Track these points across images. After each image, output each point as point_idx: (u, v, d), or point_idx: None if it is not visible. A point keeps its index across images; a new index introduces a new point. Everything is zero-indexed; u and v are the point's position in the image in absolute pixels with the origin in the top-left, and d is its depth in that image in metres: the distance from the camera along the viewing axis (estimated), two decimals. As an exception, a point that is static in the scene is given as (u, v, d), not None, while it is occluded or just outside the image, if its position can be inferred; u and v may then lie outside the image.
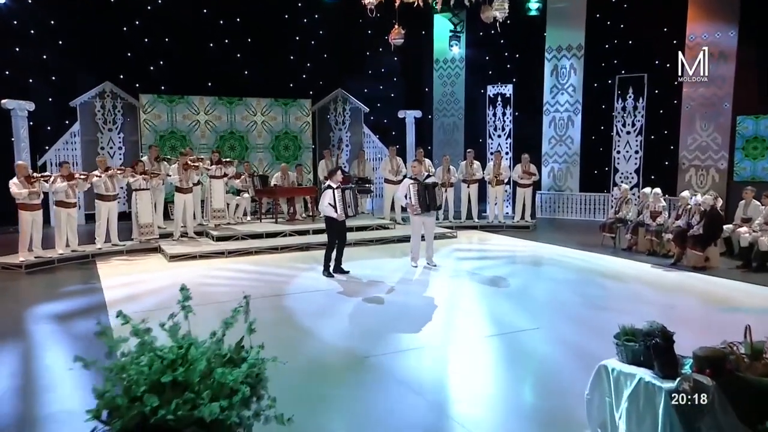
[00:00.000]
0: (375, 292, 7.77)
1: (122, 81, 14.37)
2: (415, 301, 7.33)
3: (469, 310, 6.89)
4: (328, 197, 8.33)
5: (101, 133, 13.97)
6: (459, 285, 8.19)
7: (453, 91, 16.65)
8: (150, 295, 7.56)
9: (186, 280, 8.53)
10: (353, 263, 9.26)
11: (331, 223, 8.49)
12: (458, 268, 9.25)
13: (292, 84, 16.24)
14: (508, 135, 15.69)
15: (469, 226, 13.35)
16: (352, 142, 16.29)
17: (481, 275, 8.73)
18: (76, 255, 9.76)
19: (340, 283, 8.26)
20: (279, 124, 15.56)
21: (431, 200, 8.89)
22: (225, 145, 15.09)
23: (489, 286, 8.05)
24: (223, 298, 7.39)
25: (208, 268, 9.24)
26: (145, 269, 9.21)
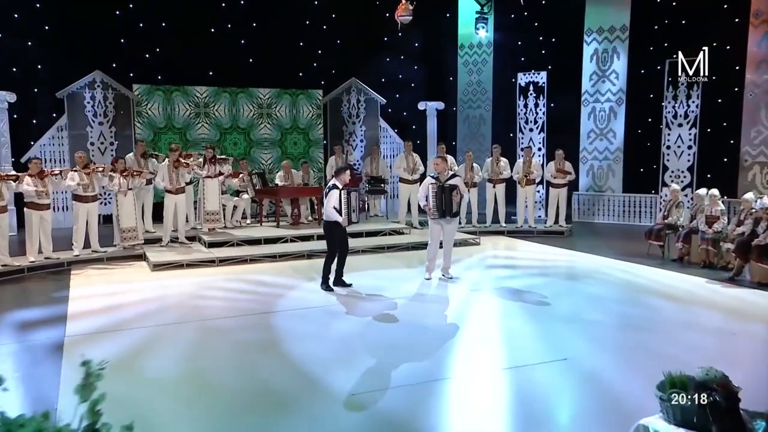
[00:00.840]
0: (378, 309, 7.13)
1: (114, 70, 14.00)
2: (423, 321, 6.65)
3: (486, 335, 6.18)
4: (334, 199, 7.76)
5: (91, 127, 13.60)
6: (478, 302, 7.48)
7: (479, 79, 15.91)
8: (117, 312, 7.05)
9: (166, 293, 8.21)
10: (358, 274, 8.69)
11: (332, 229, 7.90)
12: (479, 281, 8.54)
13: (301, 73, 15.74)
14: (541, 128, 14.88)
15: (495, 231, 12.63)
16: (368, 137, 15.65)
17: (505, 290, 8.01)
18: (49, 263, 9.31)
19: (339, 298, 7.65)
20: (287, 117, 15.05)
21: (447, 205, 8.22)
22: (227, 140, 14.64)
23: (513, 304, 7.32)
24: (205, 315, 6.87)
25: (194, 278, 8.75)
26: (123, 279, 8.74)
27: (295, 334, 6.26)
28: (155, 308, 7.20)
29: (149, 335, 6.18)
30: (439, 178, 8.34)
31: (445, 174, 8.39)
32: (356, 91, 15.52)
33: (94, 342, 5.94)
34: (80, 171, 9.66)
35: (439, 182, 8.29)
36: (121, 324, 6.57)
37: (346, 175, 7.93)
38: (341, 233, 7.99)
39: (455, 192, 8.25)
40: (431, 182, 8.33)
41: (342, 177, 7.91)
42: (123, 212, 10.08)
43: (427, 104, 15.58)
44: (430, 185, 8.30)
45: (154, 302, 7.47)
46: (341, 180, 7.90)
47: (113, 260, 9.88)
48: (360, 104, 15.58)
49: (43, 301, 7.66)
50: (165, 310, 7.11)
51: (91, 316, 6.86)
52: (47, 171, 9.30)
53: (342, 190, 7.82)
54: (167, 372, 5.20)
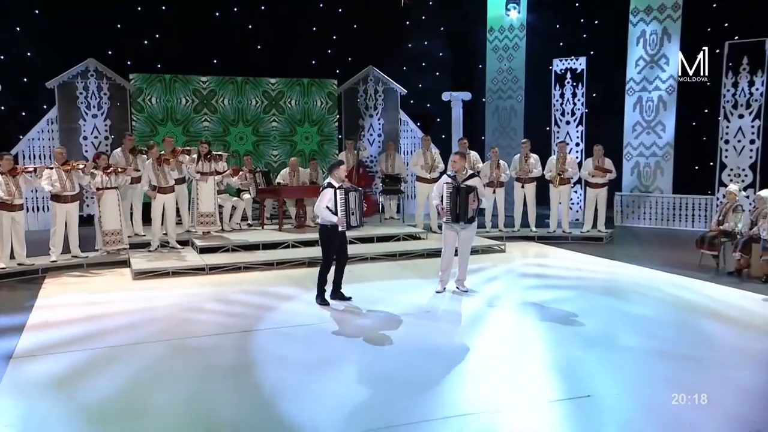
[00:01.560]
0: (376, 327, 6.53)
1: (110, 58, 13.73)
2: (427, 343, 6.01)
3: (499, 362, 5.51)
4: (327, 198, 7.23)
5: (83, 120, 13.28)
6: (495, 321, 6.81)
7: (511, 66, 15.19)
8: (80, 326, 6.61)
9: (143, 305, 7.49)
10: (362, 285, 8.19)
11: (329, 234, 7.32)
12: (499, 296, 7.86)
13: (314, 61, 15.31)
14: (579, 121, 14.09)
15: (524, 237, 11.93)
16: (386, 130, 15.06)
17: (529, 306, 7.32)
18: (22, 270, 8.95)
19: (334, 314, 7.08)
20: (298, 109, 14.54)
21: (462, 209, 7.60)
22: (233, 134, 14.20)
23: (536, 323, 6.63)
24: (178, 332, 6.40)
25: (178, 288, 8.30)
26: (100, 289, 8.32)
27: (273, 357, 5.70)
28: (125, 323, 6.74)
29: (104, 355, 5.71)
30: (456, 177, 7.74)
31: (463, 173, 7.77)
32: (374, 80, 14.94)
33: (42, 359, 5.56)
34: (58, 168, 9.26)
35: (455, 182, 7.69)
36: (80, 340, 6.14)
37: (341, 171, 7.35)
38: (339, 239, 7.43)
39: (472, 195, 7.63)
40: (446, 181, 7.75)
41: (337, 174, 7.34)
42: (106, 213, 9.65)
43: (452, 94, 14.99)
44: (445, 185, 7.73)
45: (125, 316, 7.01)
46: (336, 177, 7.33)
47: (95, 267, 9.49)
48: (378, 95, 15.00)
49: (2, 310, 7.25)
50: (135, 326, 6.64)
51: (50, 330, 6.46)
52: (20, 168, 8.91)
53: (338, 189, 7.24)
54: (104, 401, 4.71)
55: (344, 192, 7.26)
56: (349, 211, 7.28)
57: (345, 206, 7.23)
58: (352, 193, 7.34)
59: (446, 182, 7.75)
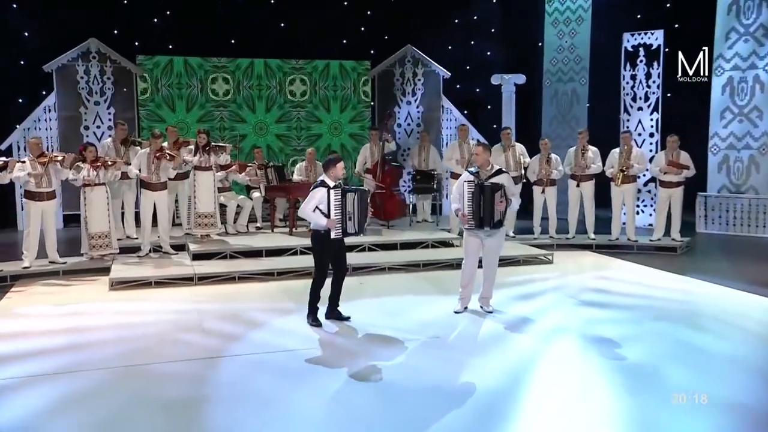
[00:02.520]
0: (370, 357, 5.76)
1: (114, 38, 13.39)
2: (427, 380, 5.18)
3: (518, 413, 4.65)
4: (317, 199, 6.57)
5: (85, 108, 12.98)
6: (523, 353, 5.87)
7: (572, 44, 14.12)
8: (19, 345, 6.09)
9: (109, 321, 6.81)
10: (367, 302, 7.60)
11: (322, 240, 6.64)
12: (534, 320, 6.91)
13: (345, 40, 14.61)
14: (653, 107, 12.92)
15: (579, 245, 10.92)
16: (426, 120, 14.26)
17: (571, 335, 6.34)
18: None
19: (323, 339, 6.35)
20: (326, 95, 13.95)
21: (486, 211, 6.77)
22: (250, 123, 13.74)
23: (579, 360, 5.66)
24: (133, 358, 5.82)
25: (157, 302, 7.77)
26: (71, 300, 7.84)
27: (232, 391, 5.04)
28: (76, 343, 6.23)
29: (28, 381, 5.18)
30: (479, 173, 6.93)
31: (487, 168, 6.95)
32: (412, 61, 14.17)
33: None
34: (33, 160, 8.85)
35: (477, 179, 6.87)
36: (12, 360, 5.69)
37: (338, 170, 6.63)
38: (335, 247, 6.73)
39: (499, 194, 6.79)
40: (467, 179, 6.96)
41: (333, 172, 6.63)
42: (92, 214, 9.18)
43: (503, 77, 14.10)
44: (466, 183, 6.94)
45: (82, 334, 6.50)
46: (332, 175, 6.62)
47: (74, 274, 9.04)
48: (416, 78, 14.22)
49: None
50: (85, 347, 6.11)
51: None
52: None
53: (332, 189, 6.53)
54: None
55: (341, 193, 6.55)
56: (346, 215, 6.56)
57: (341, 209, 6.51)
58: (350, 194, 6.63)
59: (467, 180, 6.96)
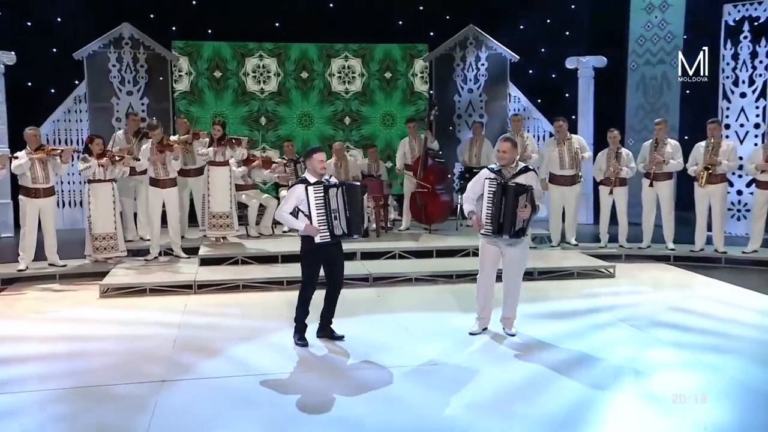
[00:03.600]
0: (350, 391, 5.27)
1: (150, 23, 13.47)
2: (406, 425, 4.71)
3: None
4: (295, 198, 6.19)
5: (117, 98, 13.10)
6: (548, 403, 5.14)
7: (663, 19, 13.11)
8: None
9: (78, 331, 6.67)
10: (373, 319, 7.27)
11: (308, 248, 6.25)
12: (571, 350, 6.21)
13: (401, 21, 14.20)
14: (760, 93, 11.81)
15: (654, 256, 10.07)
16: (490, 109, 13.63)
17: (627, 382, 5.49)
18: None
19: (303, 363, 5.95)
20: (378, 83, 13.72)
21: (507, 216, 6.22)
22: (293, 114, 13.62)
23: (639, 423, 4.93)
24: (76, 378, 5.61)
25: (144, 311, 7.64)
26: (55, 308, 7.78)
27: (168, 423, 4.70)
28: (30, 356, 6.13)
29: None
30: (502, 171, 6.38)
31: (512, 166, 6.41)
32: (475, 43, 13.57)
33: None
34: (30, 153, 8.92)
35: (500, 178, 6.32)
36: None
37: (314, 162, 6.17)
38: (326, 255, 6.30)
39: (524, 197, 6.24)
40: (488, 176, 6.40)
41: (311, 165, 6.22)
42: (97, 212, 9.17)
43: (579, 60, 13.27)
44: (487, 181, 6.38)
45: (42, 345, 6.42)
46: (313, 170, 6.21)
47: (72, 278, 9.03)
48: (480, 63, 13.61)
49: None
50: (37, 361, 5.99)
51: None
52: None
53: (312, 187, 6.12)
54: None
55: (323, 190, 6.13)
56: (330, 215, 6.12)
57: (324, 208, 6.09)
58: (332, 189, 6.16)
59: (488, 177, 6.41)
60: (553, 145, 10.17)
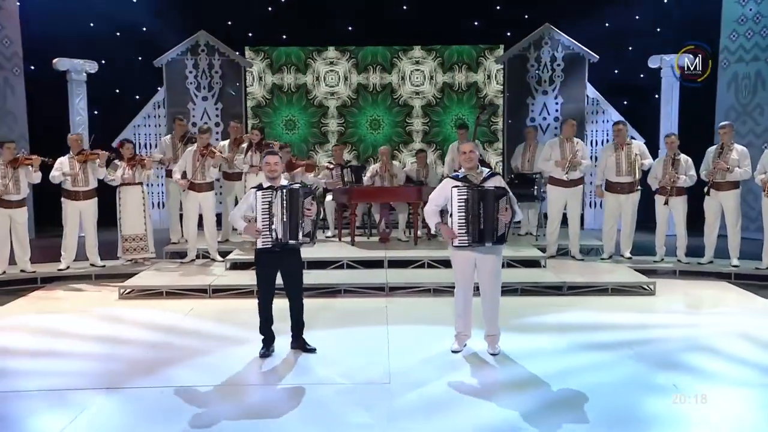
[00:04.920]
0: (264, 410, 4.99)
1: (228, 29, 13.78)
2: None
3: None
4: (248, 203, 6.06)
5: (193, 104, 13.46)
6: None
7: (758, 12, 11.91)
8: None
9: (68, 329, 6.80)
10: (362, 331, 6.93)
11: (259, 255, 6.05)
12: (562, 382, 5.52)
13: (477, 22, 13.73)
14: None
15: (715, 273, 9.08)
16: (567, 113, 12.83)
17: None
18: (19, 277, 9.09)
19: (245, 374, 5.74)
20: (453, 85, 13.42)
21: (487, 222, 5.76)
22: (363, 118, 13.52)
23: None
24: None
25: (147, 314, 7.67)
26: (73, 308, 7.95)
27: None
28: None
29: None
30: (469, 177, 5.92)
31: (477, 172, 5.98)
32: (550, 43, 12.86)
33: None
34: (72, 158, 9.26)
35: (469, 184, 5.87)
36: None
37: (263, 165, 6.00)
38: (277, 264, 6.05)
39: (504, 201, 5.78)
40: (456, 185, 5.95)
41: (265, 168, 6.01)
42: (127, 214, 9.43)
43: (662, 59, 12.26)
44: (455, 189, 5.93)
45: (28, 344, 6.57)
46: (270, 172, 5.98)
47: (106, 278, 9.24)
48: (555, 63, 12.89)
49: None
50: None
51: None
52: (22, 158, 9.03)
53: (263, 191, 5.90)
54: None
55: (275, 193, 5.87)
56: (271, 220, 5.86)
57: (268, 213, 5.85)
58: (279, 193, 5.88)
59: (456, 186, 5.95)
60: (610, 150, 9.41)
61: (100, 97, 13.58)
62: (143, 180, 9.56)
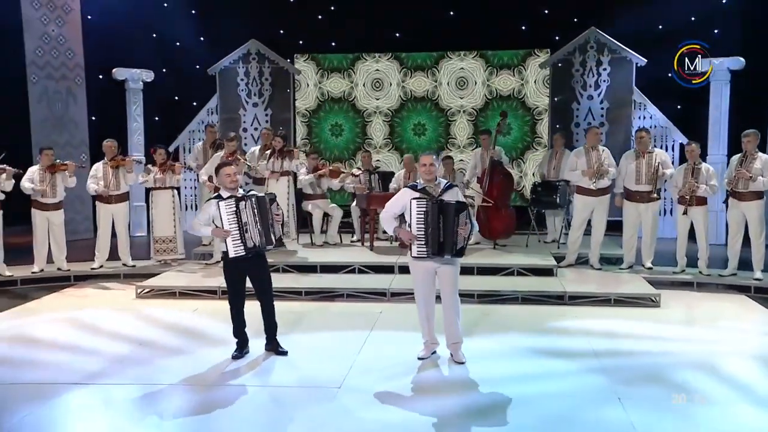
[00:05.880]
0: (194, 408, 5.23)
1: (280, 38, 14.23)
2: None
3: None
4: (208, 214, 6.27)
5: (244, 110, 13.97)
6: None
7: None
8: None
9: (68, 331, 7.20)
10: (343, 335, 7.06)
11: (226, 260, 6.30)
12: (521, 394, 5.51)
13: (524, 26, 13.62)
14: None
15: (736, 286, 8.75)
16: (613, 118, 12.59)
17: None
18: (55, 275, 9.72)
19: (208, 375, 5.95)
20: (498, 91, 13.50)
21: (448, 235, 5.85)
22: (408, 124, 13.67)
23: None
24: None
25: (150, 312, 8.09)
26: (90, 305, 8.47)
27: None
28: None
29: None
30: (427, 189, 6.00)
31: (435, 183, 6.05)
32: (596, 46, 12.62)
33: None
34: (105, 164, 9.82)
35: (429, 197, 5.95)
36: None
37: (223, 176, 6.18)
38: (245, 269, 6.35)
39: (464, 215, 5.86)
40: (413, 196, 6.01)
41: (221, 181, 6.23)
42: (157, 218, 9.93)
43: (712, 62, 11.79)
44: (414, 201, 5.98)
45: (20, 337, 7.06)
46: (224, 186, 6.22)
47: (133, 278, 9.63)
48: (602, 68, 12.64)
49: None
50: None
51: None
52: (58, 164, 9.65)
53: (222, 201, 6.13)
54: None
55: (234, 203, 6.11)
56: (243, 228, 6.10)
57: (237, 222, 6.10)
58: (242, 203, 6.11)
59: (415, 197, 6.01)
60: (631, 158, 9.18)
61: (159, 104, 14.32)
62: (174, 184, 10.02)
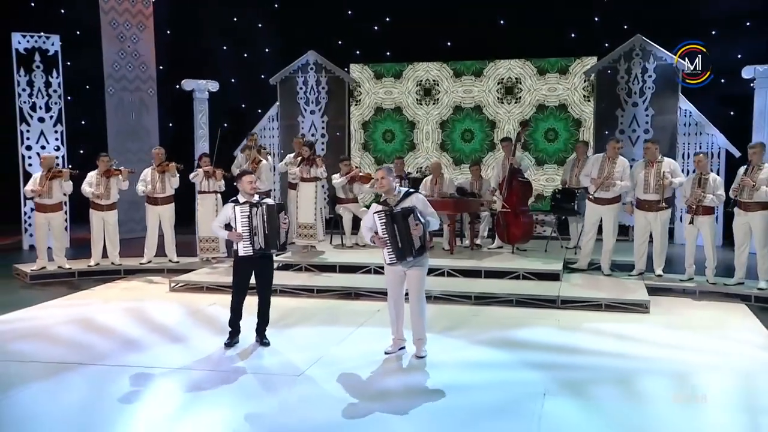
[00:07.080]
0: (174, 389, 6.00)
1: (337, 48, 14.99)
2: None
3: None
4: (225, 216, 7.14)
5: (302, 117, 14.81)
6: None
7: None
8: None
9: (86, 317, 8.23)
10: (331, 330, 7.68)
11: (237, 258, 7.17)
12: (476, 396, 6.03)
13: (573, 34, 13.85)
14: None
15: (739, 295, 8.77)
16: (658, 125, 12.60)
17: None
18: (107, 268, 10.83)
19: (188, 359, 6.73)
20: (546, 98, 13.79)
21: (405, 241, 6.41)
22: (458, 131, 14.17)
23: None
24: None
25: (169, 305, 8.96)
26: (131, 297, 9.40)
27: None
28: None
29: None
30: (388, 201, 6.61)
31: (395, 194, 6.59)
32: (641, 54, 12.70)
33: None
34: (153, 169, 10.85)
35: (386, 208, 6.54)
36: None
37: (243, 184, 6.99)
38: (251, 267, 7.14)
39: (412, 218, 6.41)
40: (376, 210, 6.62)
41: (242, 187, 7.03)
42: (202, 218, 10.86)
43: (756, 69, 11.74)
44: (376, 215, 6.57)
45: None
46: (243, 191, 7.03)
47: (176, 273, 10.47)
48: (647, 75, 12.70)
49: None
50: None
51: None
52: (112, 170, 10.76)
53: (238, 206, 6.95)
54: None
55: (249, 208, 6.91)
56: (252, 231, 6.90)
57: (249, 225, 6.90)
58: (255, 209, 6.90)
59: (377, 212, 6.59)
60: (640, 168, 9.37)
61: (226, 112, 15.43)
62: (217, 189, 10.96)
